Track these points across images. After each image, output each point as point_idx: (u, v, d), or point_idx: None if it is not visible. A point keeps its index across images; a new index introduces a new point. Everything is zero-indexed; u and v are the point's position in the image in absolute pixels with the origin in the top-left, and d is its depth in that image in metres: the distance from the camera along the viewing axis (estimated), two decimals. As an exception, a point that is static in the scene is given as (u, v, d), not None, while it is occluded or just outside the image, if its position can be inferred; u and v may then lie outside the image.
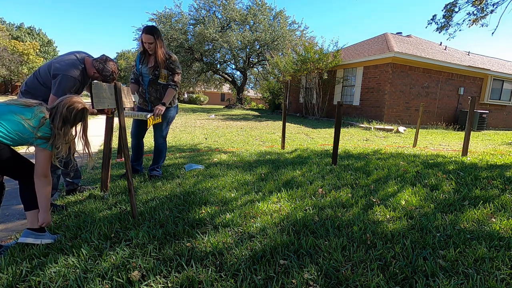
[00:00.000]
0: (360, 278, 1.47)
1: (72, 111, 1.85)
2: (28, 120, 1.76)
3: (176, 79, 3.21)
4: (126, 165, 2.18)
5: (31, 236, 1.85)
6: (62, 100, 1.87)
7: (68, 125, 1.85)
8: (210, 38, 20.03)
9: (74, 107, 1.86)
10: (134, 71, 3.30)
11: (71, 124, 1.87)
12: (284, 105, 5.92)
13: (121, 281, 1.46)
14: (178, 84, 3.25)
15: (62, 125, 1.81)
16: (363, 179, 3.20)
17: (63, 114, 1.82)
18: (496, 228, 2.00)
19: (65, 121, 1.83)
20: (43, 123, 1.79)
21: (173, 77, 3.20)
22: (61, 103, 1.85)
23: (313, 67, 12.75)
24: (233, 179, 3.26)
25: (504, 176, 3.16)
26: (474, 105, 4.55)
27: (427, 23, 7.28)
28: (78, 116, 1.89)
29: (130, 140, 3.45)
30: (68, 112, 1.83)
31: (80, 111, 1.89)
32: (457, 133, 10.52)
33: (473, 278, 1.46)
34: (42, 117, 1.80)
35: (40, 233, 1.88)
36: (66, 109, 1.83)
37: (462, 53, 16.12)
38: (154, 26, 3.08)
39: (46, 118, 1.82)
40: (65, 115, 1.82)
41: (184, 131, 8.89)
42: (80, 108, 1.89)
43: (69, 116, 1.83)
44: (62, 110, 1.82)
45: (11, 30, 35.31)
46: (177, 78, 3.22)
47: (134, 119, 3.32)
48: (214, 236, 1.91)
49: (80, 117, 1.90)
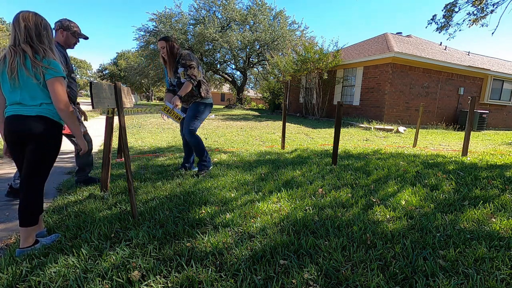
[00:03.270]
0: (360, 278, 1.47)
1: (27, 23, 1.71)
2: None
3: (189, 72, 3.22)
4: (126, 165, 2.18)
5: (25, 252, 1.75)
6: (16, 18, 1.72)
7: (46, 33, 1.76)
8: (210, 38, 20.02)
9: (19, 21, 1.71)
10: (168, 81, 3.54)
11: (48, 33, 1.79)
12: (284, 105, 5.92)
13: (121, 281, 1.46)
14: (193, 77, 3.23)
15: (39, 41, 1.73)
16: (363, 179, 3.20)
17: (31, 28, 1.71)
18: (496, 228, 2.00)
19: (40, 33, 1.73)
20: (39, 62, 1.71)
21: (186, 71, 3.23)
22: (17, 23, 1.71)
23: (313, 67, 12.75)
24: (233, 179, 3.26)
25: (504, 176, 3.16)
26: (474, 105, 4.55)
27: (427, 23, 7.29)
28: (35, 22, 1.74)
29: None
30: (32, 24, 1.72)
31: (28, 19, 1.73)
32: (457, 133, 10.51)
33: (473, 278, 1.46)
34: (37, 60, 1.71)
35: (34, 246, 1.79)
36: (28, 23, 1.71)
37: (462, 53, 16.11)
38: (168, 36, 3.33)
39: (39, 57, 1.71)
40: (34, 28, 1.72)
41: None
42: (33, 13, 1.76)
43: (31, 28, 1.71)
44: (27, 27, 1.70)
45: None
46: (190, 71, 3.22)
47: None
48: (214, 236, 1.91)
49: (32, 23, 1.73)
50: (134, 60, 35.14)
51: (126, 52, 48.43)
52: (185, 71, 3.24)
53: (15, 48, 1.69)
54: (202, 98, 3.41)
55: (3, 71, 1.72)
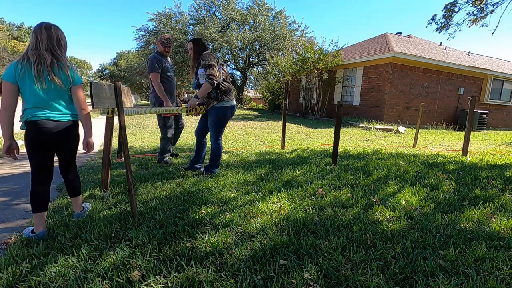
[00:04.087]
0: (360, 278, 1.47)
1: (49, 32, 1.89)
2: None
3: (208, 72, 3.08)
4: (126, 165, 2.18)
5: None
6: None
7: (61, 42, 1.94)
8: (210, 38, 20.01)
9: (42, 30, 1.87)
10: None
11: (63, 42, 1.96)
12: (284, 105, 5.92)
13: (121, 281, 1.46)
14: (212, 77, 3.07)
15: (59, 49, 1.92)
16: (363, 179, 3.20)
17: (53, 38, 1.89)
18: (496, 228, 2.00)
19: (60, 43, 1.93)
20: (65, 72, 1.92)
21: (205, 71, 3.11)
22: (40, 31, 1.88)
23: (313, 67, 12.75)
24: (233, 179, 3.26)
25: (504, 176, 3.15)
26: (474, 105, 4.55)
27: (427, 23, 7.29)
28: (55, 32, 1.91)
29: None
30: (47, 37, 1.87)
31: (50, 29, 1.90)
32: (457, 133, 10.51)
33: (473, 278, 1.46)
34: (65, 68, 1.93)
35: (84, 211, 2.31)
36: (50, 33, 1.89)
37: (462, 53, 16.11)
38: (197, 37, 3.41)
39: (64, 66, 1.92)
40: (55, 38, 1.90)
41: (184, 131, 8.88)
42: (55, 25, 1.95)
43: (52, 37, 1.89)
44: (49, 36, 1.88)
45: (11, 30, 35.30)
46: (209, 71, 3.08)
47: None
48: (214, 236, 1.91)
49: (53, 32, 1.90)
50: (134, 60, 35.12)
51: (126, 52, 48.40)
52: (204, 71, 3.13)
53: (37, 53, 1.84)
54: (218, 101, 3.27)
55: (29, 72, 1.82)
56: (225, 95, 3.31)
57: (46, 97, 1.87)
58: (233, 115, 3.47)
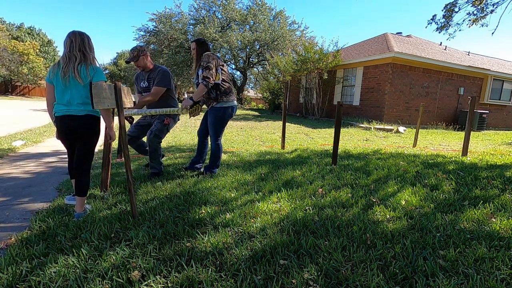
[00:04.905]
0: (360, 278, 1.47)
1: (82, 36, 2.21)
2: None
3: (204, 73, 3.09)
4: (126, 165, 2.18)
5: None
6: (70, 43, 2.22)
7: (91, 46, 2.27)
8: (210, 38, 20.01)
9: (76, 35, 2.19)
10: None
11: (91, 46, 2.26)
12: (284, 105, 5.92)
13: (121, 281, 1.46)
14: (207, 79, 3.08)
15: (89, 50, 2.23)
16: (363, 179, 3.20)
17: (84, 41, 2.21)
18: (496, 228, 2.00)
19: (88, 47, 2.23)
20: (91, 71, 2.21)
21: (202, 72, 3.11)
22: (74, 36, 2.21)
23: (313, 67, 12.75)
24: (233, 179, 3.26)
25: (504, 176, 3.15)
26: (474, 105, 4.55)
27: (427, 23, 7.28)
28: (86, 37, 2.24)
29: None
30: (80, 40, 2.19)
31: (83, 34, 2.24)
32: (457, 133, 10.51)
33: (473, 278, 1.46)
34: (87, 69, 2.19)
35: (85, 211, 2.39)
36: (82, 37, 2.22)
37: (462, 53, 16.11)
38: (200, 38, 3.35)
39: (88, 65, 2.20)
40: (87, 41, 2.23)
41: (184, 131, 8.89)
42: (83, 32, 2.27)
43: (85, 40, 2.21)
44: (81, 39, 2.21)
45: (11, 30, 35.24)
46: (205, 72, 3.09)
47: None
48: (214, 236, 1.91)
49: (85, 36, 2.23)
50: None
51: (126, 52, 48.38)
52: (201, 72, 3.14)
53: (69, 54, 2.15)
54: (218, 102, 3.28)
55: (57, 73, 2.16)
56: (225, 96, 3.30)
57: (66, 93, 2.17)
58: (234, 115, 3.47)
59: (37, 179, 3.51)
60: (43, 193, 3.04)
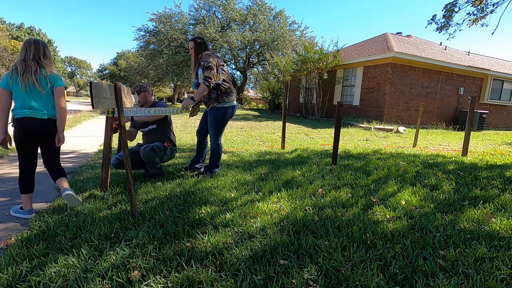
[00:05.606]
0: (360, 278, 1.47)
1: (37, 45, 2.27)
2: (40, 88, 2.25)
3: (205, 73, 3.07)
4: (126, 165, 2.18)
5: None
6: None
7: (48, 53, 2.33)
8: (210, 38, 20.01)
9: (31, 44, 2.26)
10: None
11: (46, 54, 2.30)
12: (284, 105, 5.93)
13: (121, 281, 1.46)
14: (208, 79, 3.07)
15: (44, 59, 2.27)
16: (363, 179, 3.20)
17: (39, 50, 2.26)
18: (496, 228, 2.00)
19: (43, 56, 2.27)
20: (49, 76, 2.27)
21: (203, 72, 3.10)
22: (29, 45, 2.27)
23: (313, 67, 12.75)
24: (233, 179, 3.26)
25: (504, 176, 3.15)
26: (474, 105, 4.55)
27: (427, 23, 7.28)
28: (42, 45, 2.29)
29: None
30: (35, 49, 2.25)
31: (38, 42, 2.30)
32: (457, 133, 10.52)
33: (473, 278, 1.45)
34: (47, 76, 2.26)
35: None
36: (37, 45, 2.28)
37: (462, 53, 16.11)
38: (198, 36, 3.33)
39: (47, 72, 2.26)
40: (42, 49, 2.28)
41: (184, 131, 8.89)
42: (40, 39, 2.37)
43: (39, 49, 2.27)
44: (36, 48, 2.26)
45: (11, 30, 35.26)
46: (206, 72, 3.07)
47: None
48: (214, 236, 1.91)
49: (40, 45, 2.28)
50: (134, 60, 35.12)
51: (126, 52, 48.34)
52: (202, 72, 3.12)
53: (24, 63, 2.21)
54: (219, 102, 3.27)
55: (16, 80, 2.20)
56: (225, 96, 3.30)
57: (31, 99, 2.23)
58: (234, 115, 3.47)
59: (37, 179, 3.49)
60: (43, 193, 3.04)
